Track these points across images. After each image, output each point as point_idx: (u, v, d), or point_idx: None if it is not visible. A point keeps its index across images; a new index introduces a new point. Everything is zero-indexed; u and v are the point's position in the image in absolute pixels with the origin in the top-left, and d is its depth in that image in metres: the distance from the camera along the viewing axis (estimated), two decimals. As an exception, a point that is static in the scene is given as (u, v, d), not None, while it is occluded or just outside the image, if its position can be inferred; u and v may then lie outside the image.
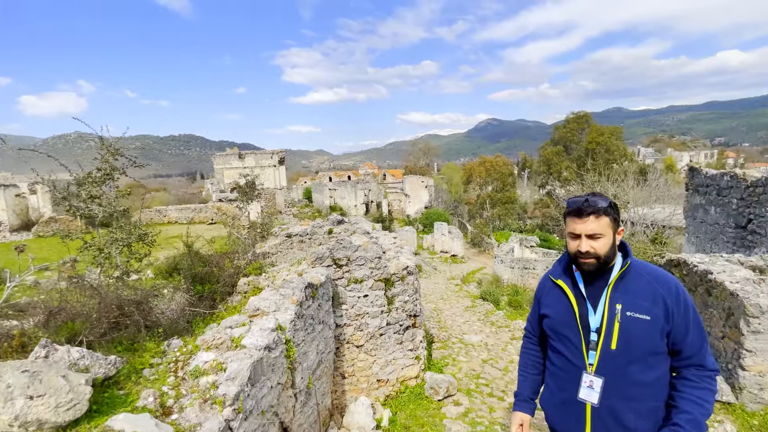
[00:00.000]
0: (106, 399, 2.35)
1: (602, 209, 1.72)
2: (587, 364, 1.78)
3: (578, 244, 1.76)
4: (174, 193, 54.54)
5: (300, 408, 3.29)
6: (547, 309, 1.98)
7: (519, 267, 17.59)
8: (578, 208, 1.75)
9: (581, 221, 1.74)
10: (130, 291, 3.30)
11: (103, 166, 3.99)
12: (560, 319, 1.89)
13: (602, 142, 39.69)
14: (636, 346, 1.69)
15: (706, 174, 9.81)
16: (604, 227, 1.73)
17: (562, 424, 1.92)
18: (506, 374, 5.88)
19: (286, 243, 6.55)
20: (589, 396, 1.76)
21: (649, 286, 1.75)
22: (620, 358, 1.71)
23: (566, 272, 1.96)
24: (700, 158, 63.66)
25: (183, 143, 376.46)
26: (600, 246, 1.73)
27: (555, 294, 1.96)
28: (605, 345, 1.73)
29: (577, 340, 1.81)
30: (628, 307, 1.72)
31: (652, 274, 1.80)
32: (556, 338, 1.92)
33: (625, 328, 1.71)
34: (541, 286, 2.11)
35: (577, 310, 1.82)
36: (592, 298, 1.81)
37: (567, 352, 1.85)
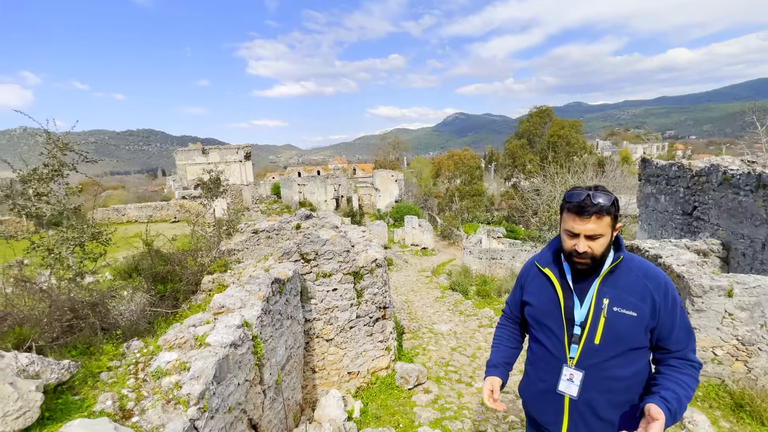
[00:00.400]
0: (60, 405, 2.24)
1: (605, 209, 1.60)
2: (568, 357, 1.74)
3: (575, 243, 1.66)
4: (133, 191, 52.05)
5: (269, 404, 3.27)
6: (531, 297, 1.92)
7: (487, 257, 18.05)
8: (580, 206, 1.62)
9: (581, 221, 1.62)
10: (85, 293, 3.14)
11: (50, 162, 3.75)
12: (543, 310, 1.84)
13: (563, 135, 41.18)
14: (619, 342, 1.67)
15: (656, 165, 10.40)
16: (605, 227, 1.62)
17: (539, 413, 1.90)
18: (474, 360, 6.06)
19: (253, 239, 6.42)
20: (569, 389, 1.73)
21: (638, 282, 1.70)
22: (602, 352, 1.68)
23: (554, 261, 1.88)
24: (653, 150, 67.37)
25: (142, 138, 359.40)
26: (598, 246, 1.65)
27: (540, 282, 1.89)
28: (588, 339, 1.70)
29: (560, 332, 1.77)
30: (615, 302, 1.68)
31: (642, 269, 1.75)
32: (538, 328, 1.87)
33: (611, 323, 1.67)
34: (525, 272, 2.04)
35: (563, 303, 1.77)
36: (579, 290, 1.76)
37: (548, 343, 1.81)
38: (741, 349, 4.61)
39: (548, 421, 1.85)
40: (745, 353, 4.59)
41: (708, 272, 5.01)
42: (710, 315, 4.64)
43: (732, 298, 4.59)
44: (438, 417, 4.33)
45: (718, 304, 4.63)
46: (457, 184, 42.98)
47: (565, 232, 1.71)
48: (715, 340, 4.68)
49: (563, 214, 1.72)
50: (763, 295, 4.48)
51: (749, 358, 4.58)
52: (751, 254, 7.23)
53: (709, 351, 4.71)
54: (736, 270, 7.38)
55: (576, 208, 1.63)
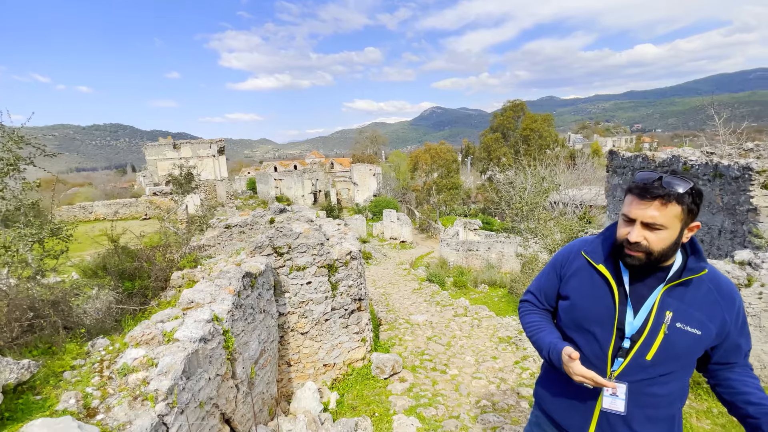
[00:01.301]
0: (21, 405, 2.17)
1: (674, 195, 1.33)
2: (609, 371, 1.52)
3: (628, 231, 1.41)
4: (101, 187, 50.03)
5: (243, 398, 3.25)
6: (574, 293, 1.64)
7: (464, 249, 18.34)
8: (644, 186, 1.37)
9: (641, 204, 1.37)
10: (46, 291, 3.03)
11: (4, 156, 3.56)
12: (590, 313, 1.57)
13: (536, 129, 42.07)
14: (675, 360, 1.46)
15: (623, 156, 10.79)
16: (670, 218, 1.35)
17: (562, 417, 1.71)
18: (448, 348, 6.19)
19: (225, 234, 6.32)
20: (614, 404, 1.52)
21: (710, 296, 1.47)
22: (653, 369, 1.47)
23: (609, 257, 1.59)
24: (622, 143, 69.70)
25: (109, 133, 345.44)
26: (657, 241, 1.37)
27: (588, 278, 1.61)
28: (638, 354, 1.47)
29: (606, 343, 1.52)
30: (679, 317, 1.44)
31: (714, 282, 1.49)
32: (575, 329, 1.62)
33: (670, 340, 1.44)
34: (566, 260, 1.73)
35: (618, 310, 1.50)
36: (635, 296, 1.50)
37: (587, 350, 1.56)
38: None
39: (571, 425, 1.67)
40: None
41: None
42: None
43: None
44: (413, 404, 4.41)
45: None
46: (435, 178, 43.32)
47: (623, 217, 1.45)
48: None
49: (626, 196, 1.46)
50: (716, 279, 4.75)
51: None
52: (709, 240, 7.64)
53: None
54: (696, 256, 7.77)
55: (639, 189, 1.38)
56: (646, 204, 1.36)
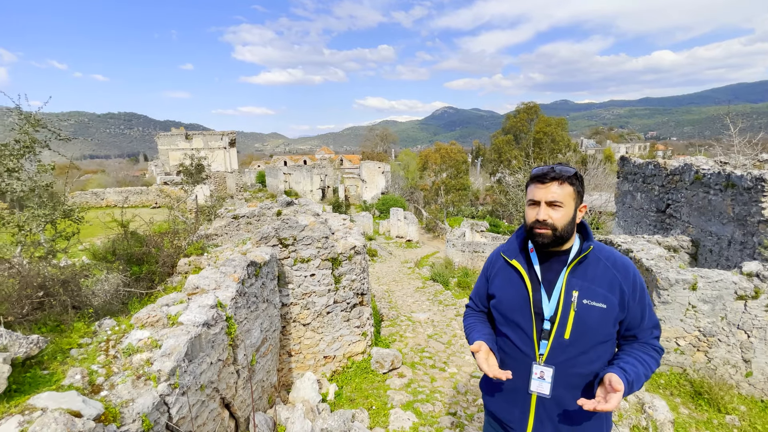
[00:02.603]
0: (28, 379, 2.24)
1: (566, 177, 1.60)
2: (537, 354, 1.67)
3: (537, 212, 1.63)
4: (114, 175, 50.74)
5: (243, 384, 3.31)
6: (498, 290, 1.83)
7: (469, 250, 18.30)
8: (542, 173, 1.63)
9: (543, 186, 1.62)
10: (57, 271, 3.11)
11: (21, 138, 3.66)
12: (511, 304, 1.75)
13: (549, 132, 41.73)
14: (590, 336, 1.61)
15: (634, 163, 10.67)
16: (566, 197, 1.60)
17: (503, 411, 1.81)
18: (449, 347, 6.21)
19: (233, 225, 6.39)
20: (540, 387, 1.66)
21: (607, 272, 1.66)
22: (572, 347, 1.62)
23: (522, 251, 1.81)
24: (635, 150, 68.81)
25: (123, 122, 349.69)
26: (559, 217, 1.60)
27: (507, 274, 1.81)
28: (558, 334, 1.63)
29: (529, 328, 1.69)
30: (584, 294, 1.62)
31: (610, 259, 1.70)
32: (504, 323, 1.78)
33: (581, 316, 1.61)
34: (491, 263, 1.95)
35: (532, 296, 1.69)
36: (546, 282, 1.69)
37: (516, 339, 1.73)
38: (702, 340, 4.83)
39: (512, 419, 1.78)
40: (705, 344, 4.81)
41: (675, 266, 5.22)
42: (675, 307, 4.85)
43: (696, 291, 4.80)
44: (410, 400, 4.45)
45: (683, 297, 4.83)
46: (444, 178, 43.23)
47: (528, 203, 1.69)
48: (678, 331, 4.90)
49: (527, 188, 1.71)
50: (724, 289, 4.70)
51: (710, 349, 4.81)
52: (718, 251, 7.54)
53: (672, 341, 4.92)
54: (703, 266, 7.69)
55: (538, 176, 1.64)
56: (546, 186, 1.61)
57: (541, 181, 1.62)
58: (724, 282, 4.74)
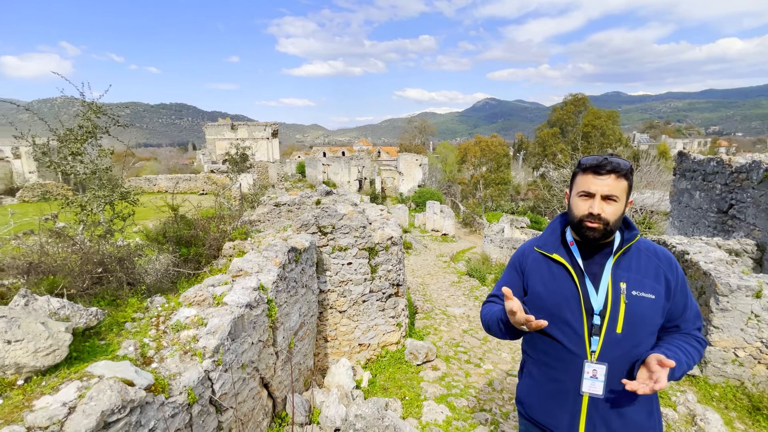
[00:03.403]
0: (87, 348, 2.41)
1: (623, 171, 1.52)
2: (589, 352, 1.57)
3: (590, 205, 1.54)
4: (165, 163, 53.70)
5: (281, 366, 3.40)
6: (538, 287, 1.71)
7: (508, 247, 17.83)
8: (597, 164, 1.53)
9: (599, 179, 1.52)
10: (114, 249, 3.33)
11: (84, 124, 3.93)
12: (557, 300, 1.64)
13: (598, 126, 39.65)
14: (641, 328, 1.56)
15: (693, 159, 9.91)
16: (621, 191, 1.53)
17: (549, 417, 1.70)
18: (485, 343, 6.09)
19: (275, 212, 6.57)
20: (593, 387, 1.57)
21: (650, 262, 1.62)
22: (625, 342, 1.55)
23: (562, 245, 1.72)
24: (694, 146, 64.01)
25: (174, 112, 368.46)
26: (612, 212, 1.53)
27: (546, 268, 1.71)
28: (610, 329, 1.55)
29: (579, 324, 1.59)
30: (632, 285, 1.57)
31: (650, 249, 1.66)
32: (550, 322, 1.63)
33: (631, 308, 1.55)
34: (522, 257, 1.84)
35: (580, 290, 1.60)
36: (591, 275, 1.62)
37: (564, 339, 1.62)
38: (764, 352, 4.45)
39: (559, 425, 1.67)
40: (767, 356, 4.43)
41: (737, 272, 4.82)
42: (735, 315, 4.48)
43: (760, 299, 4.42)
44: (444, 393, 4.41)
45: (745, 305, 4.46)
46: (483, 172, 42.26)
47: (579, 194, 1.58)
48: (737, 341, 4.53)
49: (576, 178, 1.61)
50: (793, 298, 4.29)
51: (772, 362, 4.42)
52: (788, 256, 6.87)
53: (730, 351, 4.56)
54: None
55: (594, 166, 1.54)
56: (603, 178, 1.52)
57: (598, 172, 1.53)
58: (794, 290, 4.32)
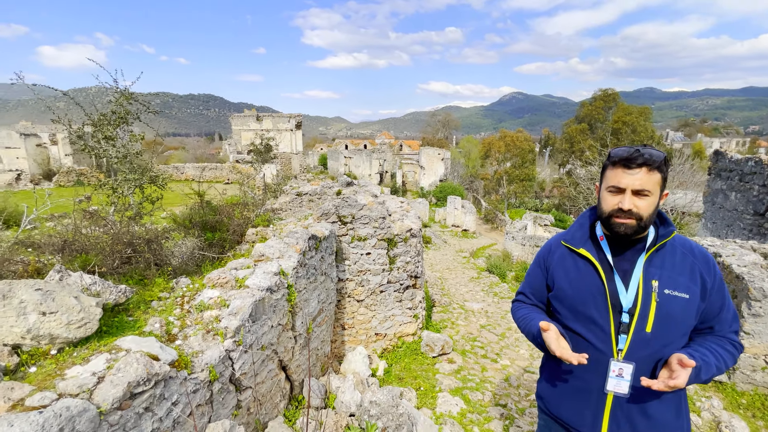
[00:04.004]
0: (116, 323, 2.52)
1: (657, 162, 1.44)
2: (615, 350, 1.53)
3: (619, 200, 1.48)
4: (192, 152, 55.11)
5: (299, 350, 3.47)
6: (563, 281, 1.68)
7: (530, 244, 17.52)
8: (627, 157, 1.46)
9: (629, 172, 1.45)
10: (143, 231, 3.46)
11: (117, 110, 4.09)
12: (583, 296, 1.60)
13: (629, 122, 38.26)
14: (673, 328, 1.50)
15: (730, 158, 9.47)
16: (654, 184, 1.45)
17: (573, 414, 1.67)
18: (502, 339, 6.03)
19: (296, 201, 6.66)
20: (619, 386, 1.52)
21: (686, 260, 1.54)
22: (654, 341, 1.49)
23: (590, 239, 1.67)
24: (732, 145, 60.97)
25: (202, 103, 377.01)
26: (645, 206, 1.46)
27: (573, 264, 1.67)
28: (639, 327, 1.50)
29: (605, 322, 1.54)
30: (665, 283, 1.50)
31: (686, 246, 1.58)
32: (573, 318, 1.63)
33: (663, 307, 1.49)
34: (548, 252, 1.81)
35: (607, 287, 1.55)
36: (621, 272, 1.56)
37: (590, 336, 1.57)
38: (797, 361, 4.25)
39: (582, 423, 1.64)
40: (802, 365, 4.23)
41: (773, 276, 4.60)
42: (767, 321, 4.29)
43: (796, 305, 4.21)
44: (459, 386, 4.40)
45: (780, 311, 4.26)
46: (507, 167, 41.53)
47: (609, 189, 1.51)
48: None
49: (606, 172, 1.55)
50: (834, 306, 4.06)
51: (805, 371, 4.22)
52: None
53: (761, 358, 4.38)
54: (810, 279, 6.68)
55: (624, 159, 1.46)
56: (634, 172, 1.45)
57: (628, 165, 1.46)
58: (835, 298, 4.10)
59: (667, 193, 1.54)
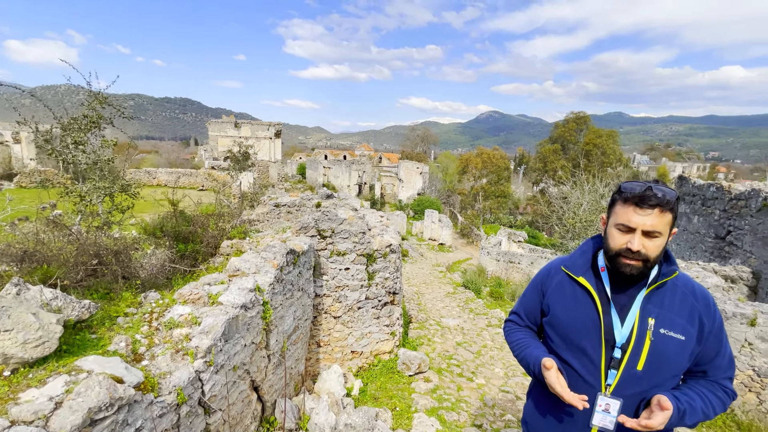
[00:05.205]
0: (78, 341, 2.36)
1: (670, 203, 1.39)
2: (604, 385, 1.51)
3: (628, 239, 1.43)
4: (166, 156, 53.63)
5: (273, 369, 3.35)
6: (558, 309, 1.65)
7: (504, 260, 17.81)
8: (641, 195, 1.40)
9: (641, 212, 1.40)
10: (110, 241, 3.28)
11: (89, 113, 3.91)
12: (576, 326, 1.58)
13: (599, 144, 39.93)
14: (665, 369, 1.48)
15: (693, 184, 9.97)
16: (665, 225, 1.41)
17: None
18: (478, 357, 6.03)
19: (274, 212, 6.54)
20: (604, 422, 1.49)
21: (686, 301, 1.51)
22: (644, 380, 1.48)
23: (591, 269, 1.63)
24: (693, 170, 64.44)
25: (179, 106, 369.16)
26: (654, 247, 1.42)
27: (571, 292, 1.64)
28: (630, 365, 1.48)
29: (597, 355, 1.52)
30: (661, 323, 1.48)
31: (688, 286, 1.55)
32: (564, 347, 1.61)
33: (657, 347, 1.47)
34: (546, 276, 1.78)
35: (602, 320, 1.52)
36: (618, 306, 1.53)
37: (580, 368, 1.56)
38: (756, 380, 4.45)
39: None
40: (759, 385, 4.44)
41: (733, 299, 4.83)
42: (729, 342, 4.48)
43: (754, 327, 4.43)
44: (435, 406, 4.36)
45: (739, 332, 4.48)
46: (483, 184, 42.38)
47: (618, 227, 1.47)
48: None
49: (615, 207, 1.50)
50: (789, 329, 4.29)
51: (762, 390, 4.43)
52: (784, 285, 6.89)
53: (724, 378, 4.56)
54: (764, 300, 7.05)
55: (637, 198, 1.41)
56: (646, 212, 1.40)
57: (639, 205, 1.40)
58: (790, 321, 4.33)
59: (675, 231, 1.50)
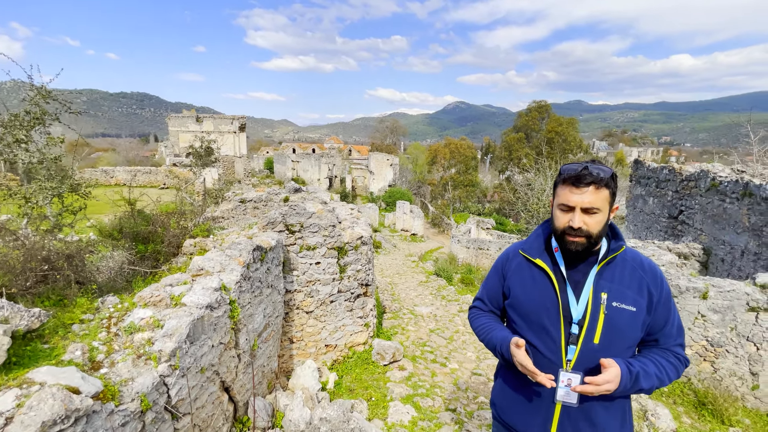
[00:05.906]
0: (28, 352, 2.22)
1: (604, 180, 1.48)
2: (564, 360, 1.57)
3: (570, 218, 1.52)
4: (124, 154, 51.06)
5: (243, 369, 3.28)
6: (518, 290, 1.71)
7: (474, 247, 18.19)
8: (576, 176, 1.49)
9: (578, 191, 1.49)
10: (62, 245, 3.09)
11: (31, 110, 3.62)
12: (535, 307, 1.64)
13: (560, 132, 41.26)
14: (619, 340, 1.55)
15: (648, 167, 10.49)
16: (603, 201, 1.49)
17: (522, 421, 1.72)
18: (450, 342, 6.16)
19: (240, 208, 6.36)
20: (568, 396, 1.56)
21: (635, 274, 1.59)
22: (602, 352, 1.53)
23: (546, 251, 1.71)
24: (648, 154, 67.87)
25: (136, 101, 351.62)
26: (594, 223, 1.50)
27: (529, 274, 1.71)
28: (587, 339, 1.54)
29: (557, 332, 1.58)
30: (613, 296, 1.55)
31: (636, 260, 1.63)
32: (526, 327, 1.67)
33: (610, 320, 1.54)
34: (506, 260, 1.84)
35: (560, 298, 1.59)
36: (573, 283, 1.61)
37: (540, 345, 1.62)
38: (709, 350, 4.74)
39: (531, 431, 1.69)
40: (712, 354, 4.73)
41: (686, 274, 5.12)
42: (684, 315, 4.76)
43: (706, 300, 4.71)
44: (410, 393, 4.42)
45: (692, 305, 4.74)
46: (452, 173, 42.99)
47: (559, 207, 1.56)
48: (686, 339, 4.81)
49: (557, 189, 1.59)
50: (736, 300, 4.59)
51: (716, 359, 4.72)
52: (730, 260, 7.39)
53: (680, 349, 4.85)
54: (714, 275, 7.55)
55: (573, 178, 1.50)
56: (581, 191, 1.49)
57: (576, 184, 1.49)
58: (736, 292, 4.64)
59: (617, 207, 1.58)
